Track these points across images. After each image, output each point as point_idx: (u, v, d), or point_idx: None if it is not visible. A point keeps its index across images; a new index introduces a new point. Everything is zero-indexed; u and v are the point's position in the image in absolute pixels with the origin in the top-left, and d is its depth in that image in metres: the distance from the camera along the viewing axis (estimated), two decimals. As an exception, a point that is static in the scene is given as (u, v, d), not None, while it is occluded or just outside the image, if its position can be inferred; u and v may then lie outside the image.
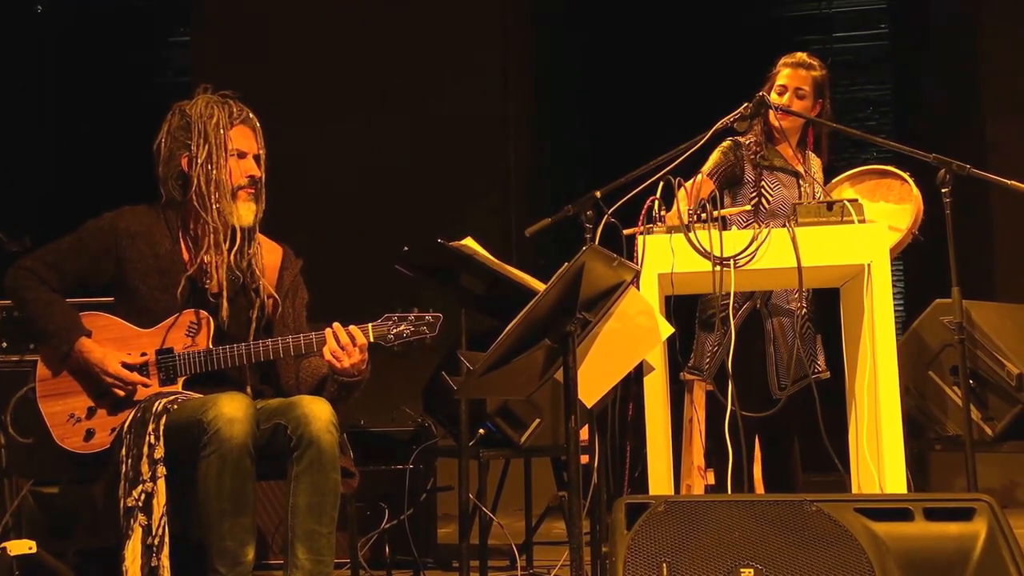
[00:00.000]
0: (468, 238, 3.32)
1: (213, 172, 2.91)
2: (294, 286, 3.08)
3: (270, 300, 3.02)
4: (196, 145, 2.92)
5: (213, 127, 2.93)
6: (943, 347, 3.75)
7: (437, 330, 2.88)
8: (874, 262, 3.13)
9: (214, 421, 2.64)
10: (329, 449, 2.71)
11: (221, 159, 2.92)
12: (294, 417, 2.73)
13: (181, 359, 2.88)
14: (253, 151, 2.99)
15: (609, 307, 2.65)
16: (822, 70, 3.79)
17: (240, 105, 3.01)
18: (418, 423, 4.39)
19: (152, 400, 2.78)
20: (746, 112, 3.55)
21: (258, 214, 3.00)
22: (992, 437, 3.70)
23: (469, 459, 3.49)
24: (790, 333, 3.68)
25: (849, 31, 7.57)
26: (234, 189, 2.94)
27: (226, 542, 2.64)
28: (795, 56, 3.80)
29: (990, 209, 6.32)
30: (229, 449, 2.63)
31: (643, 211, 3.18)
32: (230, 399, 2.69)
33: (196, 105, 2.96)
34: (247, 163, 2.97)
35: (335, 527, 2.74)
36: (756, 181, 3.71)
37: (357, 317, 2.94)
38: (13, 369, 3.90)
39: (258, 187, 2.98)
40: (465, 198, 6.62)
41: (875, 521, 2.30)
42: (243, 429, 2.65)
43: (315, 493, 2.70)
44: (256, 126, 3.02)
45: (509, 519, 4.45)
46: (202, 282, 2.94)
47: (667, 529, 2.28)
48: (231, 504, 2.64)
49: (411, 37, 6.77)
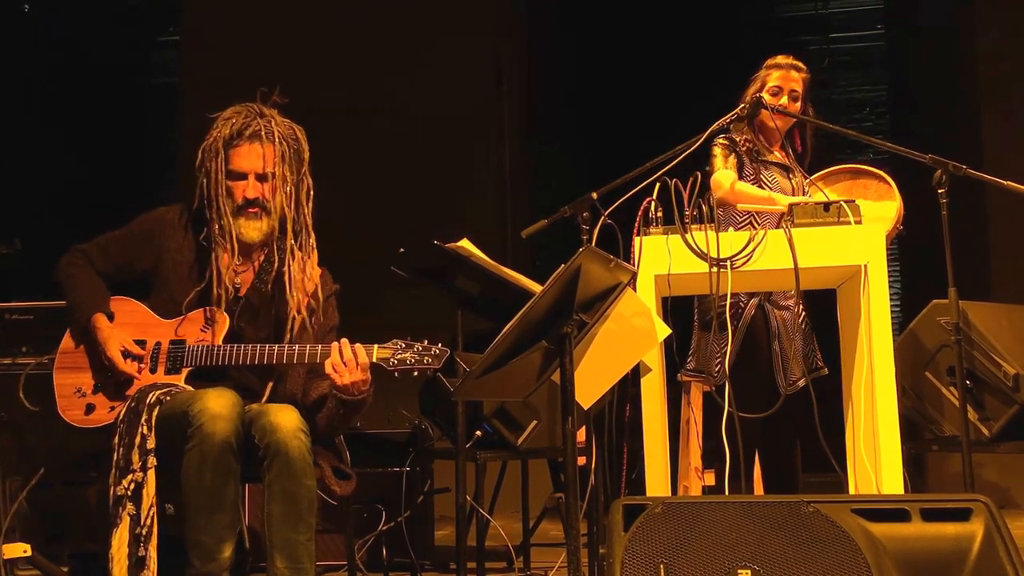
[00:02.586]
0: (464, 240, 3.33)
1: (212, 193, 2.97)
2: (325, 308, 3.08)
3: (298, 317, 3.02)
4: (196, 166, 3.00)
5: (205, 151, 2.98)
6: (940, 348, 3.76)
7: (442, 364, 2.88)
8: (871, 263, 3.13)
9: (198, 415, 2.66)
10: (298, 456, 2.71)
11: (215, 181, 2.97)
12: (260, 426, 2.74)
13: (190, 351, 2.91)
14: (256, 170, 2.99)
15: (606, 308, 2.65)
16: (808, 72, 3.85)
17: (259, 120, 3.01)
18: (415, 425, 4.38)
19: (147, 391, 2.80)
20: (742, 113, 3.56)
21: (267, 229, 3.01)
22: (989, 437, 3.70)
23: (466, 461, 3.48)
24: (793, 329, 3.70)
25: (846, 32, 7.58)
26: (235, 209, 2.98)
27: (202, 536, 2.65)
28: (786, 58, 3.84)
29: (986, 210, 6.33)
30: (211, 445, 2.64)
31: (640, 213, 3.18)
32: (217, 395, 2.70)
33: (216, 121, 3.02)
34: (249, 183, 2.98)
35: (314, 533, 2.75)
36: (755, 175, 3.72)
37: (353, 320, 2.93)
38: (6, 372, 3.90)
39: (260, 206, 2.99)
40: (461, 200, 6.62)
41: (872, 522, 2.30)
42: (226, 426, 2.66)
43: (288, 501, 2.70)
44: (268, 143, 2.99)
45: (506, 521, 4.44)
46: (223, 287, 2.98)
47: (664, 530, 2.28)
48: (209, 500, 2.66)
49: (405, 37, 6.77)
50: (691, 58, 6.94)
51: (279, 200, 3.00)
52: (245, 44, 6.77)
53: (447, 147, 6.66)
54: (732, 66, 4.08)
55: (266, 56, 6.71)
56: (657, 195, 3.15)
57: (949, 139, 6.56)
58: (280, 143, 3.01)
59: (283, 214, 3.02)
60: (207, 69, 6.84)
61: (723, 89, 3.96)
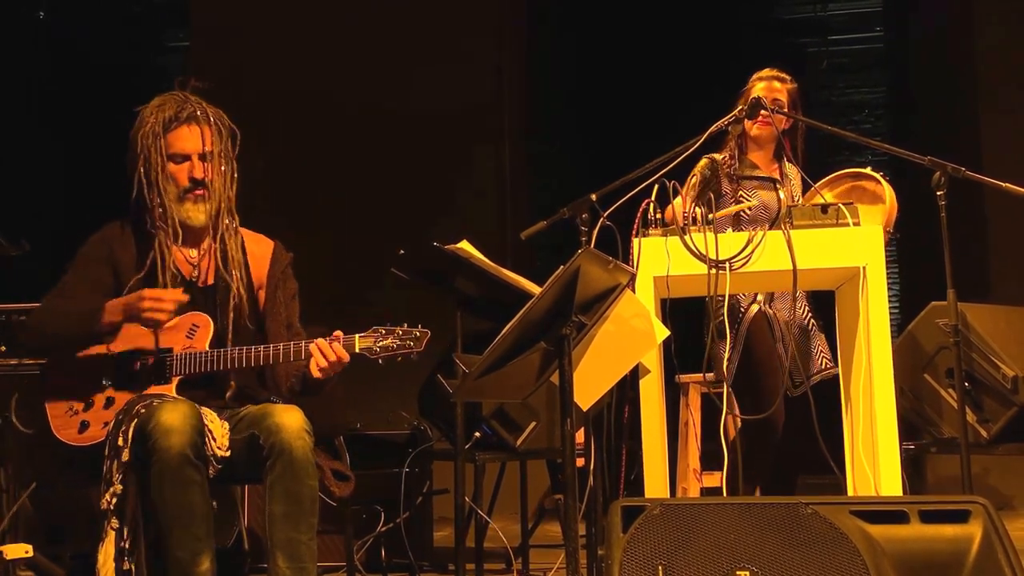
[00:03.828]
0: (464, 241, 3.33)
1: (153, 178, 2.93)
2: (283, 277, 3.10)
3: (259, 292, 3.05)
4: (130, 155, 2.95)
5: (143, 136, 2.94)
6: (939, 349, 3.76)
7: (424, 346, 2.88)
8: (869, 264, 3.13)
9: (153, 431, 2.63)
10: (301, 456, 2.71)
11: (157, 166, 2.93)
12: (265, 427, 2.74)
13: (178, 359, 2.89)
14: (197, 150, 2.96)
15: (605, 310, 2.66)
16: (794, 83, 3.89)
17: (191, 103, 2.98)
18: (414, 426, 4.38)
19: (134, 403, 2.78)
20: (741, 115, 3.57)
21: (212, 211, 2.98)
22: (987, 439, 3.71)
23: (465, 462, 3.48)
24: (796, 331, 3.70)
25: (845, 34, 7.58)
26: (180, 193, 2.95)
27: (176, 552, 2.64)
28: (770, 71, 3.90)
29: (985, 212, 6.32)
30: (167, 460, 2.61)
31: (639, 214, 3.19)
32: (170, 408, 2.67)
33: (143, 111, 2.98)
34: (192, 164, 2.96)
35: (315, 533, 2.74)
36: (733, 193, 3.75)
37: (352, 320, 2.93)
38: (12, 372, 3.90)
39: (206, 186, 2.97)
40: (461, 201, 6.62)
41: (871, 523, 2.30)
42: (180, 440, 2.62)
43: (290, 501, 2.70)
44: (204, 124, 2.97)
45: (505, 522, 4.45)
46: (189, 272, 2.97)
47: (663, 532, 2.28)
48: (176, 514, 2.64)
49: (406, 38, 6.76)
50: (691, 59, 6.94)
51: (218, 182, 2.98)
52: (246, 46, 6.78)
53: (447, 147, 6.66)
54: (732, 68, 4.09)
55: (266, 56, 6.72)
56: (656, 197, 3.16)
57: (948, 141, 6.56)
58: (215, 124, 2.99)
59: (221, 195, 3.00)
60: (215, 73, 6.85)
61: (723, 90, 3.96)
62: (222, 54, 6.91)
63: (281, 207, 5.75)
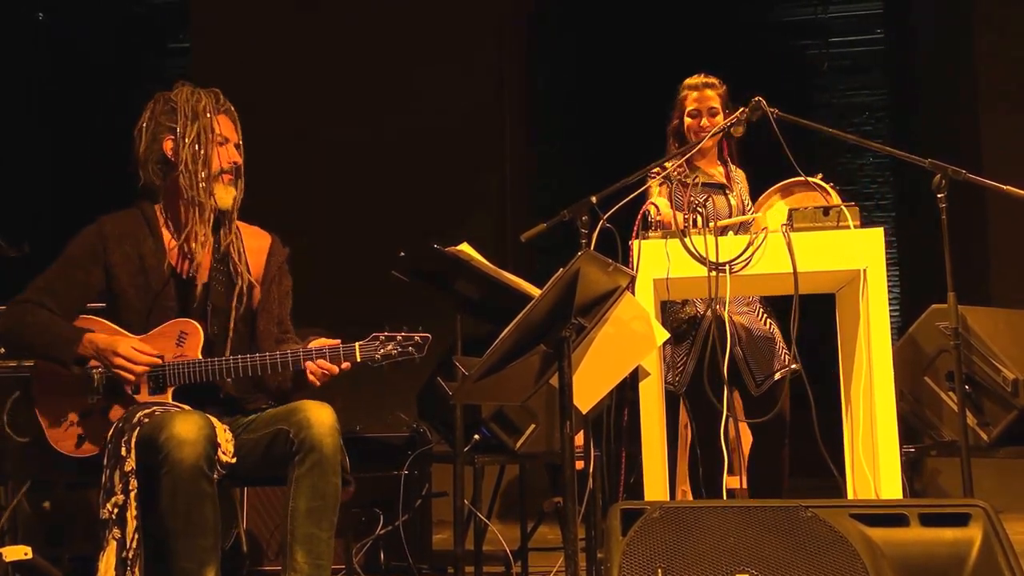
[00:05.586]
0: (464, 243, 3.32)
1: (201, 151, 2.94)
2: (279, 273, 3.11)
3: (253, 287, 3.05)
4: (182, 126, 2.95)
5: (202, 109, 2.97)
6: (939, 352, 3.75)
7: (425, 350, 2.88)
8: (870, 267, 3.13)
9: (166, 443, 2.62)
10: (331, 454, 2.72)
11: (208, 140, 2.96)
12: (296, 421, 2.74)
13: (171, 369, 2.88)
14: (234, 140, 3.04)
15: (604, 312, 2.65)
16: (723, 86, 3.93)
17: (222, 96, 3.06)
18: (413, 428, 4.38)
19: (134, 411, 2.78)
20: (742, 116, 3.56)
21: (237, 199, 3.03)
22: (988, 442, 3.70)
23: (464, 465, 3.47)
24: (754, 330, 3.70)
25: (845, 36, 7.58)
26: (218, 172, 2.98)
27: (182, 562, 2.64)
28: (698, 78, 3.94)
29: (986, 214, 6.32)
30: (180, 471, 2.61)
31: (638, 216, 3.19)
32: (184, 420, 2.66)
33: (181, 93, 3.01)
34: (230, 149, 3.02)
35: (334, 531, 2.74)
36: (684, 200, 3.75)
37: (352, 321, 2.93)
38: (11, 375, 3.89)
39: (238, 174, 3.03)
40: (461, 203, 6.61)
41: (871, 527, 2.30)
42: (194, 451, 2.62)
43: (315, 497, 2.70)
44: (236, 117, 3.06)
45: (504, 525, 4.44)
46: (185, 269, 2.96)
47: (662, 535, 2.28)
48: (185, 525, 2.63)
49: (406, 40, 6.76)
50: (691, 61, 6.92)
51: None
52: (246, 46, 6.78)
53: (447, 149, 6.65)
54: (732, 70, 4.09)
55: (266, 57, 6.71)
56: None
57: (949, 143, 6.56)
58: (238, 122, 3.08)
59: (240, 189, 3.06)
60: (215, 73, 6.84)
61: (723, 93, 3.96)
62: (222, 54, 6.91)
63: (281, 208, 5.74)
